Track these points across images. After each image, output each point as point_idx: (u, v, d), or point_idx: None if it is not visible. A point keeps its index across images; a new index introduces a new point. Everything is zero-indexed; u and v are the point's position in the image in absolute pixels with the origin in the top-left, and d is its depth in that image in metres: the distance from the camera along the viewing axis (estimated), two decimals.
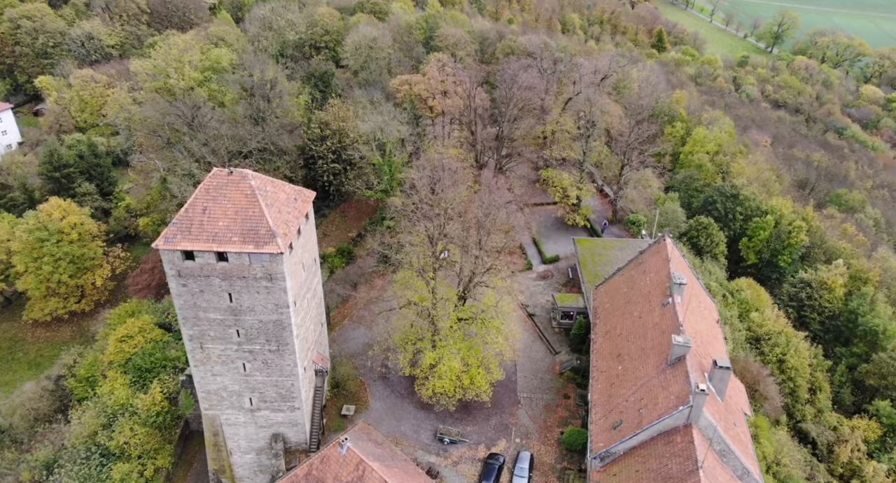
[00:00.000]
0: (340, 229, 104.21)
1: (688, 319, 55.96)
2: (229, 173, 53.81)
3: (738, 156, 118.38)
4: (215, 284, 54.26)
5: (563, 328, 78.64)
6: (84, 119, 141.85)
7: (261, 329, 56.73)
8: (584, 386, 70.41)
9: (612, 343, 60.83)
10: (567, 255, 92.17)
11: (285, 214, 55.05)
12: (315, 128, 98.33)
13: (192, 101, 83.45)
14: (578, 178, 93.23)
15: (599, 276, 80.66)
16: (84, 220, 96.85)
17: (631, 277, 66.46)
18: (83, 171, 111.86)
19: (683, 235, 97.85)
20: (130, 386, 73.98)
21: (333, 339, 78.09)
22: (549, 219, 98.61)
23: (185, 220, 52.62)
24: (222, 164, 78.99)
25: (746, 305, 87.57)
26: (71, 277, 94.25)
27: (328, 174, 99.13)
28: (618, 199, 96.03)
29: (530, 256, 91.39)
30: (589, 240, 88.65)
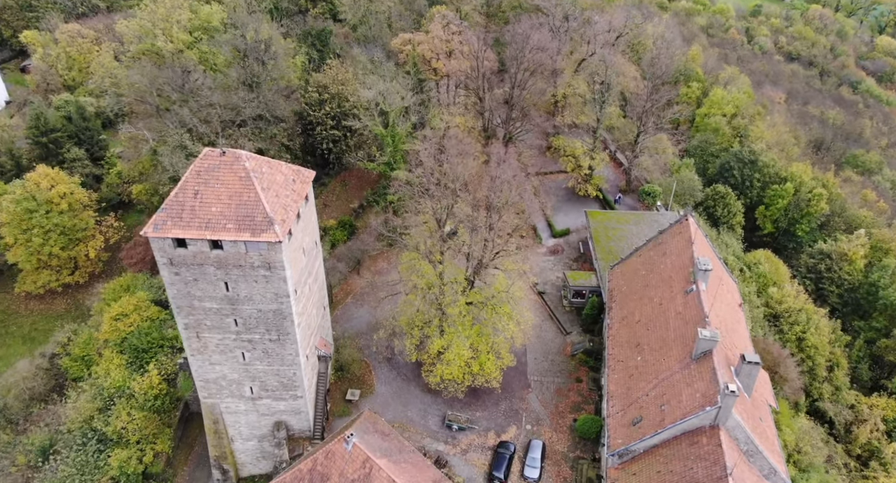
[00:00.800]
0: (341, 200, 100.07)
1: (712, 307, 52.68)
2: (221, 153, 49.65)
3: (757, 118, 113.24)
4: (210, 273, 50.80)
5: (574, 307, 75.57)
6: (72, 77, 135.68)
7: (260, 319, 53.57)
8: (597, 369, 67.80)
9: (629, 330, 57.74)
10: (578, 227, 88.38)
11: (283, 198, 51.13)
12: (313, 92, 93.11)
13: (182, 64, 78.20)
14: (591, 146, 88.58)
15: (613, 252, 77.17)
16: (74, 188, 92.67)
17: (650, 259, 62.94)
18: (71, 135, 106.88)
19: (699, 205, 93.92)
20: (127, 367, 71.48)
21: (336, 319, 75.11)
22: (559, 189, 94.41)
23: (176, 205, 48.76)
24: (215, 134, 74.47)
25: (764, 279, 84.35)
26: (62, 249, 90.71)
27: (327, 141, 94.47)
28: (632, 167, 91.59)
29: (539, 230, 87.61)
30: (602, 212, 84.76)
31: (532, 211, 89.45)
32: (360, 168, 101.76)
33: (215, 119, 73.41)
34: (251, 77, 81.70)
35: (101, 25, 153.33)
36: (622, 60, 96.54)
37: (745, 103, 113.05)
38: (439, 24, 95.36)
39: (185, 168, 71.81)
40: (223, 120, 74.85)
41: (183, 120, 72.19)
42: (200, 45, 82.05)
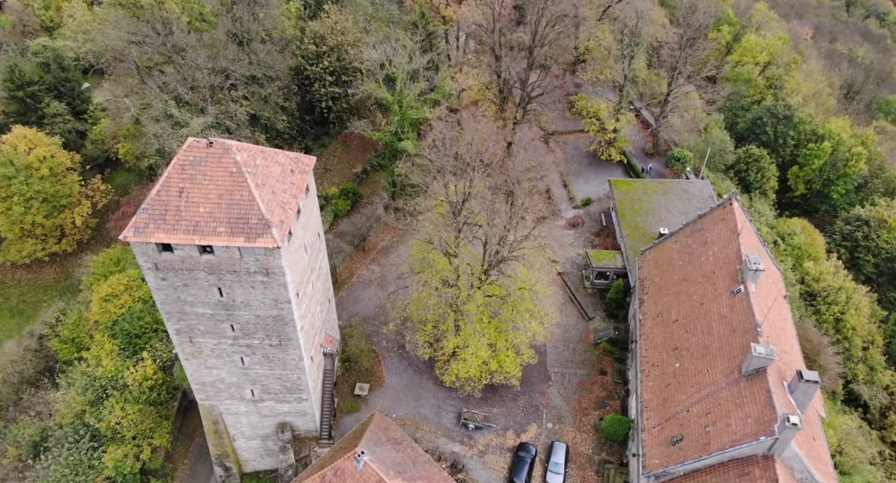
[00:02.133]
0: (343, 163, 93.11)
1: (761, 308, 47.25)
2: (208, 145, 43.01)
3: (793, 66, 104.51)
4: (201, 278, 45.14)
5: (596, 289, 70.23)
6: (49, 17, 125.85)
7: (259, 324, 48.28)
8: (623, 361, 63.15)
9: (665, 330, 52.54)
10: (600, 196, 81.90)
11: (280, 195, 44.81)
12: (309, 44, 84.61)
13: (163, 17, 69.80)
14: (617, 106, 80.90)
15: (640, 228, 71.18)
16: (55, 151, 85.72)
17: (687, 247, 57.03)
18: (50, 87, 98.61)
19: (730, 168, 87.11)
20: (120, 352, 66.92)
21: (341, 302, 69.95)
22: (579, 152, 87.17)
23: (159, 205, 42.58)
24: (203, 100, 66.99)
25: (799, 252, 78.66)
26: (46, 217, 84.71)
27: (326, 99, 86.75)
28: (659, 128, 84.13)
29: (558, 199, 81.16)
30: (627, 182, 78.02)
31: (550, 178, 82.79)
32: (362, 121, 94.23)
33: (203, 83, 65.79)
34: (241, 31, 73.29)
35: None
36: (650, 5, 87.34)
37: (780, 50, 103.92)
38: None
39: (172, 140, 65.10)
40: (212, 85, 67.16)
41: (167, 84, 64.64)
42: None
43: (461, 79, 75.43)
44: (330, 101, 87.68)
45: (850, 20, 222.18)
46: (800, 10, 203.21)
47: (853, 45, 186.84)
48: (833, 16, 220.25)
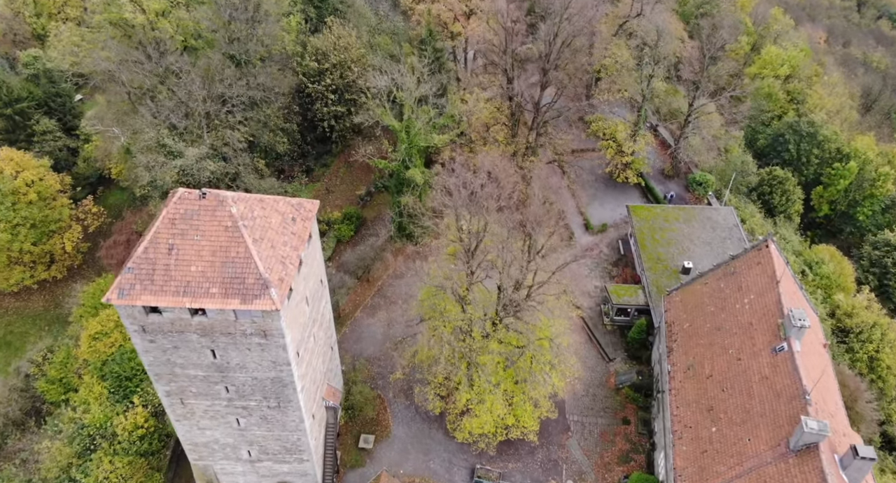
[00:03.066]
0: (346, 183, 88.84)
1: (807, 370, 43.09)
2: (201, 196, 38.81)
3: (814, 80, 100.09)
4: (193, 340, 40.98)
5: (616, 325, 66.09)
6: (41, 25, 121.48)
7: (256, 386, 44.16)
8: (647, 408, 59.04)
9: (698, 387, 48.38)
10: (617, 221, 77.72)
11: (280, 248, 40.59)
12: (310, 61, 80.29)
13: (156, 37, 65.42)
14: (634, 127, 76.58)
15: (662, 260, 67.01)
16: (43, 173, 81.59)
17: (719, 291, 52.83)
18: (40, 103, 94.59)
19: (753, 191, 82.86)
20: (109, 396, 62.83)
21: (344, 338, 65.88)
22: (593, 172, 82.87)
23: (146, 264, 38.36)
24: (198, 127, 62.66)
25: (828, 281, 74.45)
26: (34, 244, 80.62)
27: (329, 119, 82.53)
28: (679, 149, 79.79)
29: (572, 224, 76.92)
30: (646, 208, 73.76)
31: (563, 202, 78.60)
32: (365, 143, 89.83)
33: (198, 111, 61.45)
34: (239, 52, 68.88)
35: None
36: (668, 17, 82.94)
37: (802, 62, 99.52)
38: None
39: (166, 172, 60.81)
40: (207, 112, 62.79)
41: (160, 112, 60.32)
42: (178, 9, 68.63)
43: (471, 101, 71.08)
44: (332, 120, 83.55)
45: (862, 22, 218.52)
46: (811, 13, 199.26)
47: (867, 49, 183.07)
48: (845, 17, 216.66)
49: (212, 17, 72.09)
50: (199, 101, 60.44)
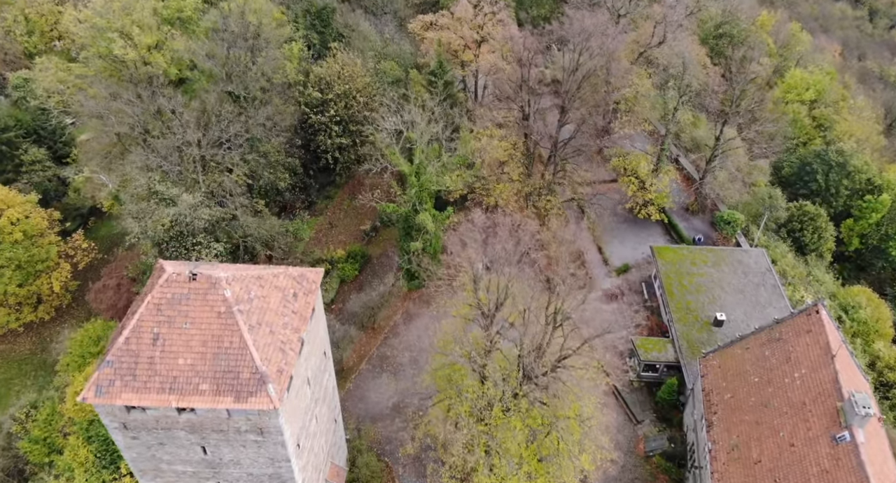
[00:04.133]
0: (350, 217, 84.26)
1: (874, 466, 38.27)
2: (191, 278, 34.18)
3: (841, 104, 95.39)
4: (180, 437, 36.30)
5: (643, 382, 61.35)
6: (34, 43, 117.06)
7: (251, 482, 39.45)
8: (681, 482, 54.21)
9: (745, 473, 43.54)
10: (639, 261, 73.01)
11: (280, 332, 35.89)
12: (313, 91, 75.76)
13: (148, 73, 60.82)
14: (656, 161, 71.95)
15: (692, 310, 62.28)
16: (29, 210, 76.80)
17: (763, 359, 48.04)
18: (29, 131, 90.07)
19: (782, 227, 78.09)
20: (95, 461, 58.13)
21: (348, 396, 61.19)
22: (613, 206, 78.01)
23: (127, 357, 33.73)
24: (194, 170, 58.00)
25: (866, 327, 69.70)
26: (20, 286, 75.98)
27: (333, 150, 78.00)
28: (703, 184, 75.06)
29: (592, 265, 72.21)
30: (671, 249, 69.02)
31: (581, 240, 73.87)
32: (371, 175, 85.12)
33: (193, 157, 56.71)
34: (238, 86, 64.17)
35: None
36: (690, 43, 78.26)
37: (828, 86, 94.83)
38: (467, 2, 76.63)
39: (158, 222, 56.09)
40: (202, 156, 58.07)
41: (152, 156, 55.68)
42: (173, 40, 63.92)
43: (485, 139, 66.40)
44: (336, 151, 79.04)
45: (875, 32, 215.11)
46: (824, 24, 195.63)
47: (882, 61, 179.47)
48: (858, 28, 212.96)
49: (209, 48, 67.41)
50: (193, 145, 55.80)
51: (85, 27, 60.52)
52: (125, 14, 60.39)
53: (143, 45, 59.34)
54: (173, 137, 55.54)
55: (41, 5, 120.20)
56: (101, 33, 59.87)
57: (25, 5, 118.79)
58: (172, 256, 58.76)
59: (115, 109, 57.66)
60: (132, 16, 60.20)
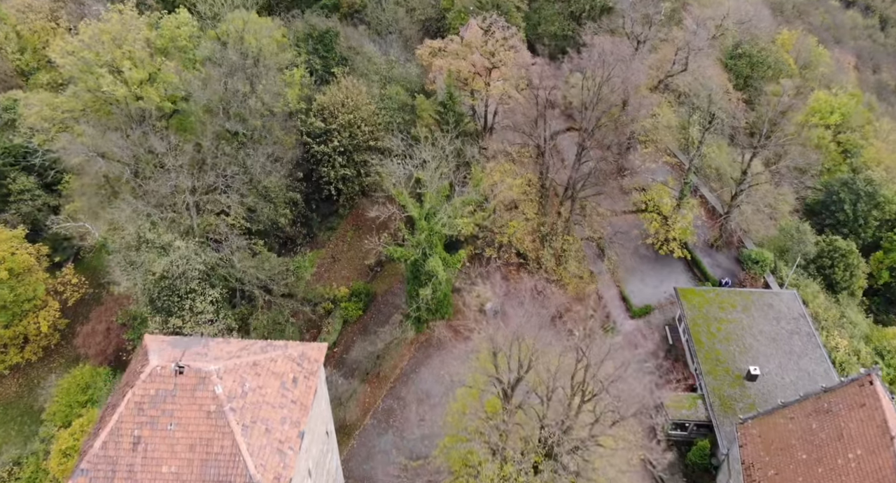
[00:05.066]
0: (354, 249, 80.00)
1: None
2: (177, 372, 30.08)
3: (867, 129, 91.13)
4: None
5: (671, 440, 57.04)
6: (26, 61, 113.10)
7: None
8: None
9: None
10: (661, 301, 68.81)
11: (278, 430, 31.70)
12: (316, 120, 71.73)
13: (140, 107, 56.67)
14: (679, 194, 67.79)
15: (721, 361, 58.06)
16: (15, 247, 72.48)
17: (810, 432, 43.77)
18: (17, 157, 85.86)
19: (811, 263, 73.82)
20: None
21: (351, 455, 57.01)
22: (630, 239, 73.52)
23: (104, 464, 29.62)
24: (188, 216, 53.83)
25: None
26: (6, 327, 71.85)
27: (336, 182, 74.02)
28: (729, 219, 70.83)
29: (610, 306, 67.97)
30: (697, 292, 64.75)
31: (599, 278, 69.70)
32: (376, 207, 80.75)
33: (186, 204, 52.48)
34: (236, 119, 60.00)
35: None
36: (712, 70, 74.10)
37: (854, 110, 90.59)
38: (475, 27, 72.55)
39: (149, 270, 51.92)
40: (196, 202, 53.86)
41: (140, 209, 51.53)
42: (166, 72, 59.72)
43: (497, 175, 62.24)
44: (340, 182, 75.03)
45: (888, 42, 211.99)
46: (837, 34, 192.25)
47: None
48: (870, 38, 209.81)
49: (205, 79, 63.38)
50: (187, 192, 51.60)
51: (72, 60, 56.30)
52: (116, 46, 56.22)
53: (134, 81, 55.19)
54: (165, 183, 51.32)
55: (33, 22, 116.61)
56: (90, 67, 55.72)
57: (17, 22, 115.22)
58: (164, 306, 54.60)
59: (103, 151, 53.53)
60: (123, 47, 56.02)
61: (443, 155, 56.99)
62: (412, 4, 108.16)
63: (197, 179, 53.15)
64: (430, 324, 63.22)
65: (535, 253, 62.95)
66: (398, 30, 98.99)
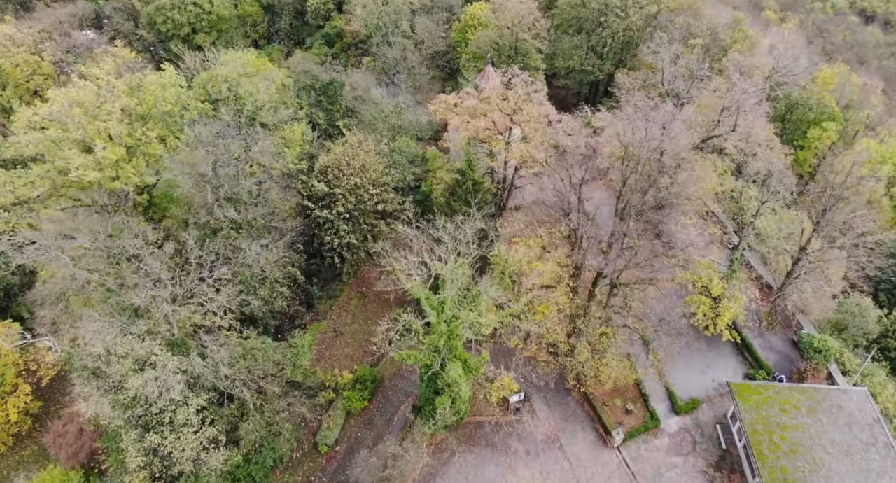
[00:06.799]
0: (359, 321, 72.11)
1: None
2: None
3: None
4: None
5: None
6: (7, 98, 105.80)
7: None
8: None
9: None
10: (710, 393, 60.77)
11: None
12: (319, 183, 63.90)
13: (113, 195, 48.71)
14: (728, 269, 59.78)
15: (790, 479, 49.82)
16: None
17: None
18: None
19: (874, 343, 65.68)
20: None
21: None
22: (671, 313, 65.28)
23: None
24: (166, 322, 45.79)
25: None
26: None
27: (340, 250, 66.18)
28: (783, 296, 62.70)
29: (651, 399, 59.75)
30: (754, 389, 56.53)
31: (636, 360, 61.54)
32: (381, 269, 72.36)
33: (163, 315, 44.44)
34: (228, 209, 52.00)
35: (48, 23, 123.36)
36: (765, 125, 66.07)
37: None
38: (495, 79, 64.74)
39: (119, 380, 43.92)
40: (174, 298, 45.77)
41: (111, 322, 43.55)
42: (148, 145, 51.77)
43: (522, 254, 54.16)
44: (344, 250, 67.19)
45: None
46: (860, 54, 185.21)
47: None
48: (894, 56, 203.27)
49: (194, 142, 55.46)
50: (165, 303, 43.50)
51: (37, 137, 48.17)
52: (89, 119, 48.17)
53: (108, 161, 47.21)
54: (140, 292, 43.21)
55: (15, 56, 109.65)
56: (58, 144, 47.75)
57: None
58: (140, 423, 46.66)
59: (69, 249, 45.62)
60: (96, 123, 48.00)
61: (464, 240, 48.91)
62: (420, 36, 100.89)
63: (179, 283, 45.15)
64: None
65: (567, 345, 54.86)
66: (406, 68, 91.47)
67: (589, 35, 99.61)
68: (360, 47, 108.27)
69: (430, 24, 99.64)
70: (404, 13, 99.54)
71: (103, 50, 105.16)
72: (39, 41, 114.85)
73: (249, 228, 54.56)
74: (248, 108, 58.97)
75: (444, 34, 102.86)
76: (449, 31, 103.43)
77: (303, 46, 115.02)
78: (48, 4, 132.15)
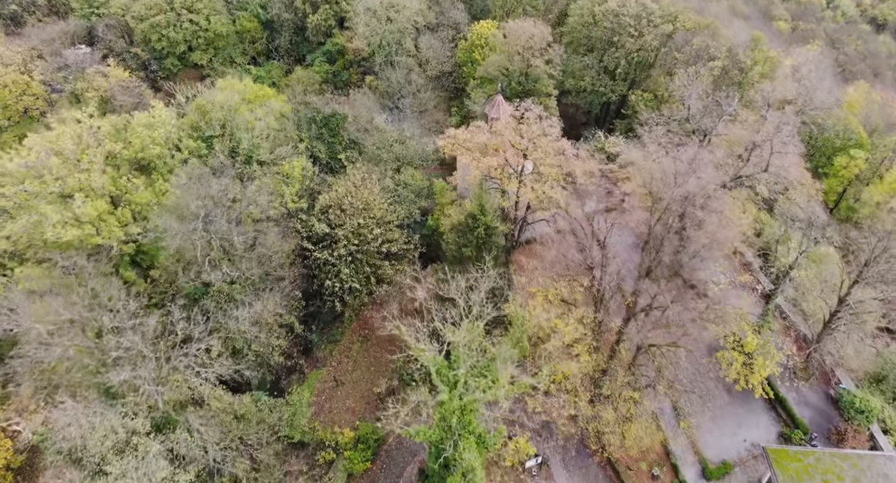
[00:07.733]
0: (361, 368, 67.47)
1: None
2: None
3: None
4: None
5: None
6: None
7: None
8: None
9: None
10: (742, 455, 56.19)
11: None
12: (319, 223, 59.49)
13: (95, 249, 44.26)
14: (761, 318, 55.32)
15: None
16: None
17: None
18: None
19: None
20: None
21: None
22: (699, 369, 60.76)
23: None
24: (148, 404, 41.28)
25: None
26: None
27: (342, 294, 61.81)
28: (819, 348, 58.14)
29: (680, 462, 55.23)
30: (793, 455, 51.81)
31: (664, 421, 57.08)
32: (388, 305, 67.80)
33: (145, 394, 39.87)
34: (226, 267, 47.59)
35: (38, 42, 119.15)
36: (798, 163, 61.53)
37: None
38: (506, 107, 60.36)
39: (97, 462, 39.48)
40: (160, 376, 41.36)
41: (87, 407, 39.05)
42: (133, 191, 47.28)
43: (540, 310, 49.67)
44: (346, 294, 62.79)
45: None
46: (873, 66, 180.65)
47: None
48: None
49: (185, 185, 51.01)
50: (147, 383, 38.91)
51: (11, 191, 43.40)
52: (70, 170, 43.63)
53: (89, 217, 42.72)
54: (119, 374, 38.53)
55: (4, 76, 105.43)
56: (33, 198, 43.20)
57: None
58: None
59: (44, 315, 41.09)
60: (76, 174, 43.51)
61: (478, 302, 44.44)
62: (425, 55, 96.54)
63: (164, 359, 40.61)
64: None
65: (590, 409, 50.31)
66: (411, 92, 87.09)
67: (601, 55, 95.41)
68: (362, 65, 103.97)
69: (436, 43, 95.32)
70: (408, 31, 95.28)
71: (95, 70, 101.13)
72: (29, 60, 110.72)
73: (244, 282, 50.05)
74: (244, 146, 54.51)
75: (450, 53, 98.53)
76: (455, 50, 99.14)
77: (303, 63, 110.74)
78: (40, 20, 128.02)
